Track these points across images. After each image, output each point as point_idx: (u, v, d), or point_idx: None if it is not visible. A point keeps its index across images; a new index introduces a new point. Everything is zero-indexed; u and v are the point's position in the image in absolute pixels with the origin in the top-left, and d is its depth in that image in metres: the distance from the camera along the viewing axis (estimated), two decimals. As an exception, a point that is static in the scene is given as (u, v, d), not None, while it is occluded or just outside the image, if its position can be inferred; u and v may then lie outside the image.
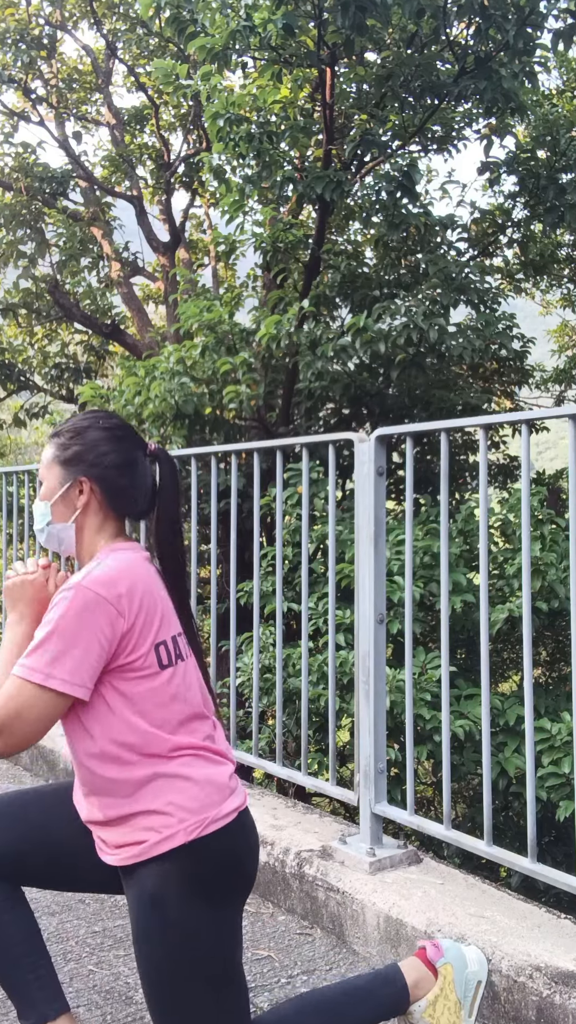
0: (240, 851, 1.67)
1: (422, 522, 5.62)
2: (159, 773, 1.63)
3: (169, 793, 1.62)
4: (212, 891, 1.61)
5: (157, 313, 14.20)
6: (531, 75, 6.43)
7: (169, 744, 1.65)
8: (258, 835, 1.75)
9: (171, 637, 1.70)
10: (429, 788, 7.26)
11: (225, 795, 1.66)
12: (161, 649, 1.67)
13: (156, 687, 1.65)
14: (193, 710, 1.71)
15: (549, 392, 11.86)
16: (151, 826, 1.61)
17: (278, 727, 3.18)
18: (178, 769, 1.64)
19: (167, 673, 1.67)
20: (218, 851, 1.62)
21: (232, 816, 1.65)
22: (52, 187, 11.17)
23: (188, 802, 1.62)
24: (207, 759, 1.68)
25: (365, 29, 5.89)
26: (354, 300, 7.79)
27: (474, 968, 1.86)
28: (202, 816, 1.62)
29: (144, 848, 1.61)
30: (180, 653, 1.72)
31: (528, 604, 2.31)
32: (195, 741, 1.68)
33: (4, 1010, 2.09)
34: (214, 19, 6.14)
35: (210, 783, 1.65)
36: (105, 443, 1.78)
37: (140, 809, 1.62)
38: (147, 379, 7.08)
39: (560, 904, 4.80)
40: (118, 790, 1.63)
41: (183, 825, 1.60)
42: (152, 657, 1.65)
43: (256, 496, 3.23)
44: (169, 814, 1.61)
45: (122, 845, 1.64)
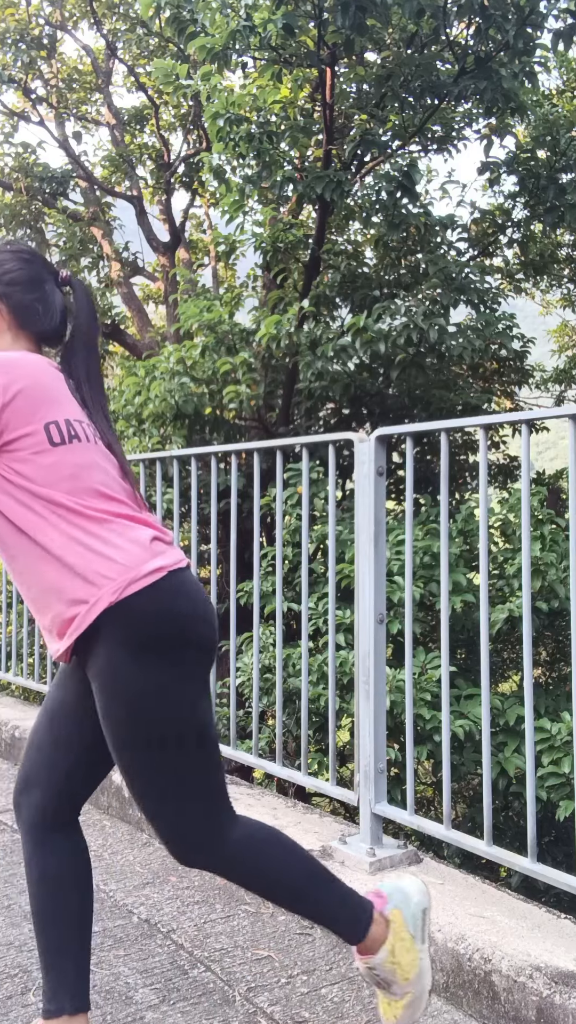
0: (175, 608, 1.67)
1: (422, 522, 5.62)
2: (78, 539, 1.66)
3: (91, 562, 1.65)
4: (155, 650, 1.63)
5: (157, 313, 14.20)
6: (531, 75, 6.44)
7: (79, 505, 1.67)
8: (206, 598, 1.75)
9: (64, 419, 1.72)
10: (429, 788, 7.26)
11: (148, 555, 1.68)
12: (52, 428, 1.70)
13: (51, 463, 1.68)
14: (100, 488, 1.72)
15: (549, 392, 11.86)
16: (78, 598, 1.64)
17: (278, 727, 3.18)
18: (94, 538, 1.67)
19: (61, 450, 1.69)
20: (145, 609, 1.64)
21: (156, 575, 1.66)
22: (52, 187, 11.18)
23: (107, 567, 1.65)
24: (119, 524, 1.70)
25: (365, 29, 5.89)
26: (354, 300, 7.79)
27: (416, 898, 1.88)
28: (123, 578, 1.64)
29: (77, 622, 1.64)
30: (76, 434, 1.73)
31: (528, 604, 2.31)
32: (109, 507, 1.71)
33: (3, 1010, 2.09)
34: (214, 19, 6.14)
35: (126, 545, 1.67)
36: (11, 262, 1.85)
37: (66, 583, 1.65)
38: (147, 379, 7.08)
39: (560, 904, 4.81)
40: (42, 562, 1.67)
41: (105, 590, 1.63)
42: (42, 435, 1.68)
43: (256, 496, 3.23)
44: (90, 580, 1.64)
45: (63, 629, 1.67)
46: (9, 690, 7.60)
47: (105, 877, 2.90)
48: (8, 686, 7.59)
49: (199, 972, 2.27)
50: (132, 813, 3.33)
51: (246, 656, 5.49)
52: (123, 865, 2.99)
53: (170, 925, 2.54)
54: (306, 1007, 2.10)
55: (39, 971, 2.21)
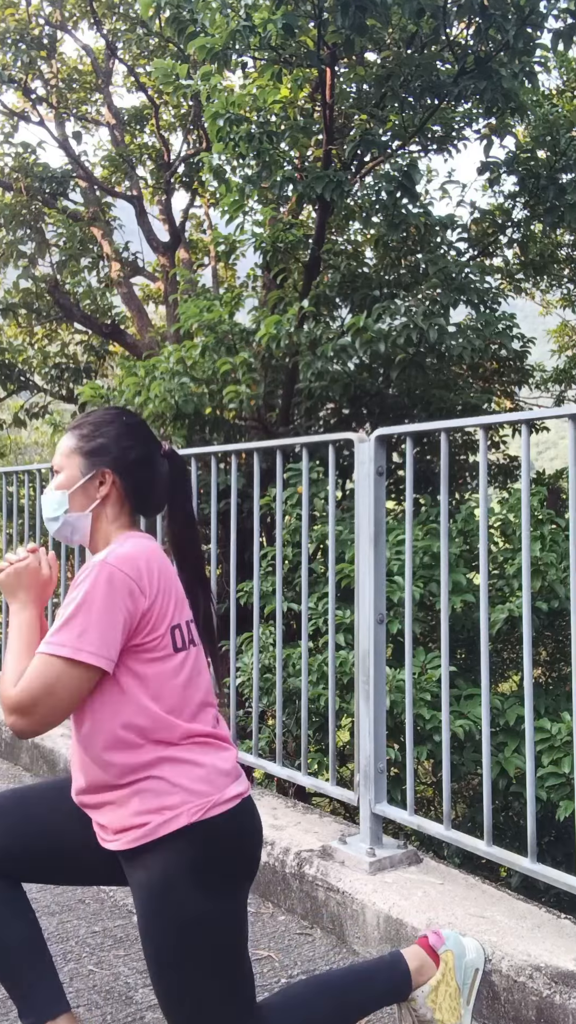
0: (244, 835, 1.67)
1: (422, 522, 5.62)
2: (164, 758, 1.63)
3: (174, 776, 1.62)
4: (217, 875, 1.61)
5: (157, 313, 14.20)
6: (531, 75, 6.43)
7: (179, 731, 1.65)
8: (261, 822, 1.75)
9: (185, 622, 1.72)
10: (429, 788, 7.26)
11: (230, 780, 1.67)
12: (176, 632, 1.68)
13: (169, 670, 1.66)
14: (202, 697, 1.72)
15: (549, 392, 11.86)
16: (154, 808, 1.61)
17: (278, 727, 3.18)
18: (184, 754, 1.64)
19: (180, 656, 1.68)
20: (222, 834, 1.62)
21: (236, 800, 1.66)
22: (52, 187, 11.17)
23: (192, 784, 1.62)
24: (213, 745, 1.69)
25: (365, 29, 5.89)
26: (354, 300, 7.79)
27: (472, 956, 1.87)
28: (206, 799, 1.62)
29: (147, 830, 1.60)
30: (192, 639, 1.73)
31: (528, 604, 2.31)
32: (204, 728, 1.69)
33: (4, 1010, 2.09)
34: (214, 19, 6.14)
35: (215, 768, 1.66)
36: (128, 438, 1.83)
37: (145, 789, 1.62)
38: (147, 379, 7.08)
39: (560, 904, 4.80)
40: (123, 772, 1.63)
41: (186, 807, 1.60)
42: (168, 639, 1.66)
43: (256, 496, 3.23)
44: (173, 794, 1.61)
45: (123, 829, 1.63)
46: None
47: (105, 877, 2.90)
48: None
49: (199, 972, 2.26)
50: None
51: (246, 656, 5.48)
52: (123, 865, 2.99)
53: (170, 925, 2.54)
54: (306, 1007, 2.09)
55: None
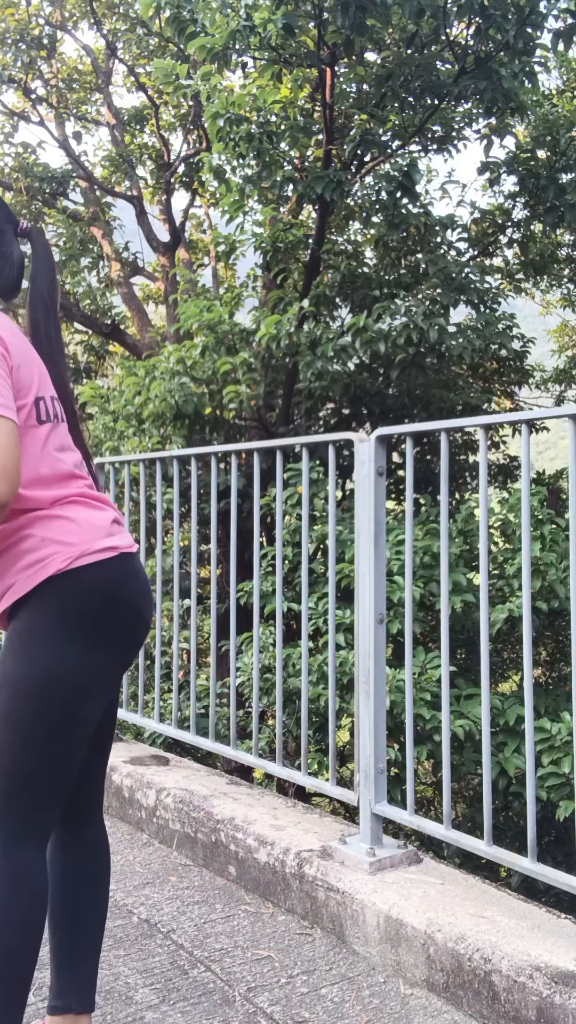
0: (116, 588, 1.64)
1: (422, 522, 5.62)
2: (35, 517, 1.62)
3: (44, 531, 1.62)
4: (82, 625, 1.59)
5: (157, 313, 14.20)
6: (531, 75, 6.44)
7: (46, 497, 1.64)
8: (148, 587, 1.73)
9: (48, 396, 1.70)
10: (429, 788, 7.26)
11: (102, 534, 1.65)
12: (40, 404, 1.67)
13: (34, 440, 1.65)
14: (71, 470, 1.70)
15: (549, 392, 11.87)
16: (25, 564, 1.60)
17: (278, 727, 3.18)
18: (55, 511, 1.64)
19: (45, 428, 1.67)
20: (88, 584, 1.60)
21: (109, 553, 1.64)
22: (52, 187, 11.18)
23: (62, 536, 1.61)
24: (86, 504, 1.68)
25: (365, 29, 5.89)
26: (354, 300, 7.79)
27: None
28: (75, 548, 1.61)
29: (18, 586, 1.60)
30: (57, 414, 1.72)
31: (528, 604, 2.31)
32: (72, 491, 1.68)
33: (4, 1010, 2.09)
34: (214, 19, 6.14)
35: (86, 522, 1.65)
36: None
37: (17, 549, 1.62)
38: (147, 379, 7.08)
39: (560, 904, 4.80)
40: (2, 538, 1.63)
41: (54, 557, 1.59)
42: (32, 409, 1.65)
43: (256, 496, 3.23)
44: (42, 548, 1.60)
45: (4, 594, 1.63)
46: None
47: (105, 877, 2.90)
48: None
49: (199, 972, 2.27)
50: (132, 813, 3.33)
51: (246, 656, 5.49)
52: (123, 865, 2.99)
53: (170, 925, 2.54)
54: (306, 1007, 2.10)
55: (39, 971, 2.21)
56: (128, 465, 3.95)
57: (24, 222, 1.86)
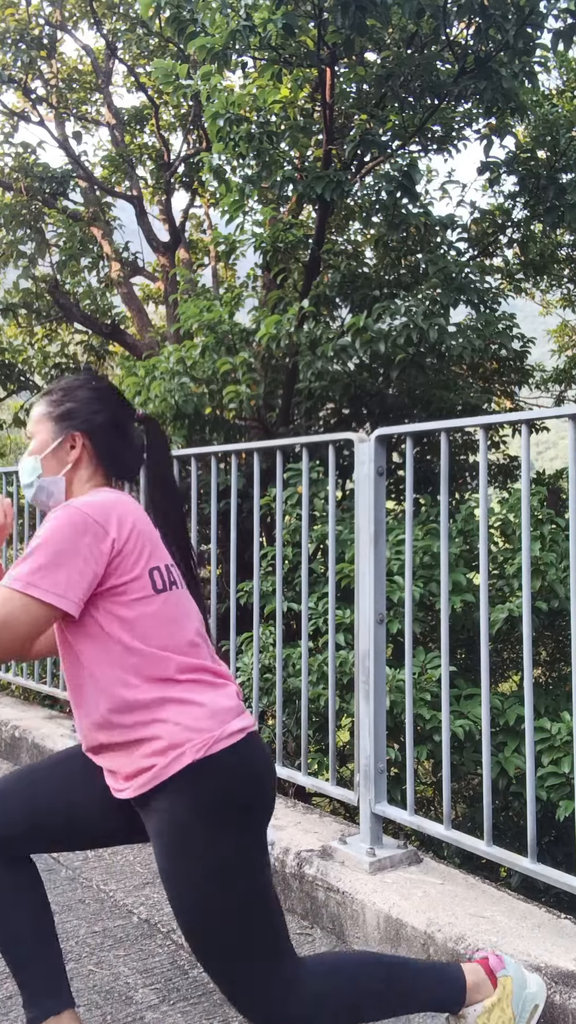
0: (252, 768, 1.67)
1: (422, 522, 5.62)
2: (165, 698, 1.64)
3: (175, 716, 1.63)
4: (229, 812, 1.61)
5: (157, 313, 14.20)
6: (531, 75, 6.43)
7: (173, 665, 1.66)
8: (271, 757, 1.75)
9: (164, 565, 1.73)
10: (429, 788, 7.26)
11: (231, 715, 1.67)
12: (155, 574, 1.70)
13: (152, 612, 1.67)
14: (191, 637, 1.72)
15: (549, 392, 11.86)
16: (159, 749, 1.61)
17: (278, 727, 3.18)
18: (183, 694, 1.65)
19: (162, 597, 1.69)
20: (230, 767, 1.62)
21: (240, 735, 1.66)
22: (52, 187, 11.17)
23: (195, 722, 1.63)
24: (210, 683, 1.70)
25: (365, 29, 5.89)
26: (354, 300, 7.78)
27: (533, 990, 1.83)
28: (209, 735, 1.62)
29: (154, 772, 1.61)
30: (174, 580, 1.74)
31: (528, 604, 2.31)
32: (197, 662, 1.70)
33: (4, 1010, 2.09)
34: (214, 19, 6.14)
35: (215, 704, 1.66)
36: (97, 402, 1.85)
37: (148, 734, 1.63)
38: (147, 379, 7.08)
39: (560, 904, 4.80)
40: (124, 716, 1.64)
41: (191, 744, 1.61)
42: (147, 581, 1.67)
43: (256, 496, 3.23)
44: (176, 734, 1.61)
45: (133, 775, 1.64)
46: (9, 690, 7.59)
47: (105, 877, 2.90)
48: (8, 686, 7.58)
49: (199, 972, 2.27)
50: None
51: (246, 656, 5.48)
52: (123, 865, 2.99)
53: (170, 925, 2.54)
54: (306, 1007, 2.09)
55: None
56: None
57: (140, 411, 1.93)
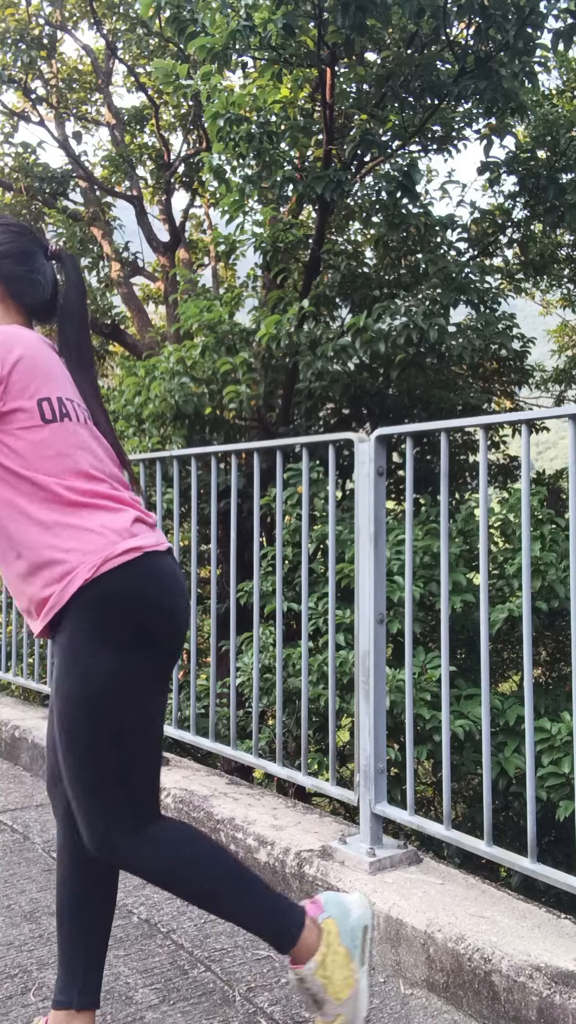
0: (144, 588, 1.67)
1: (422, 522, 5.62)
2: (60, 522, 1.66)
3: (68, 542, 1.66)
4: (122, 631, 1.63)
5: (157, 313, 14.20)
6: (531, 75, 6.44)
7: (63, 488, 1.67)
8: (182, 588, 1.75)
9: (57, 397, 1.74)
10: (429, 788, 7.26)
11: (122, 536, 1.68)
12: (44, 404, 1.71)
13: (41, 440, 1.69)
14: (85, 469, 1.72)
15: (549, 392, 11.86)
16: (54, 577, 1.65)
17: (278, 727, 3.18)
18: (76, 518, 1.67)
19: (51, 427, 1.70)
20: (117, 589, 1.64)
21: (133, 554, 1.66)
22: (52, 187, 11.18)
23: (84, 545, 1.65)
24: (105, 507, 1.71)
25: (365, 29, 5.89)
26: (354, 300, 7.79)
27: (357, 913, 1.81)
28: (98, 555, 1.64)
29: (54, 600, 1.65)
30: (67, 413, 1.75)
31: (528, 604, 2.31)
32: (92, 488, 1.71)
33: (3, 1010, 2.09)
34: (214, 19, 6.14)
35: (106, 526, 1.68)
36: (1, 234, 1.86)
37: (44, 559, 1.66)
38: (147, 379, 7.08)
39: (560, 904, 4.80)
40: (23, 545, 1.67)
41: (81, 567, 1.63)
42: (35, 410, 1.69)
43: (256, 496, 3.23)
44: (68, 560, 1.64)
45: (38, 608, 1.68)
46: (9, 690, 7.60)
47: (105, 877, 2.90)
48: (8, 686, 7.59)
49: (199, 972, 2.27)
50: (132, 813, 3.33)
51: (246, 656, 5.48)
52: (123, 865, 2.99)
53: (170, 925, 2.54)
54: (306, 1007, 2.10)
55: (39, 971, 2.21)
56: (128, 465, 3.95)
57: (54, 244, 1.93)
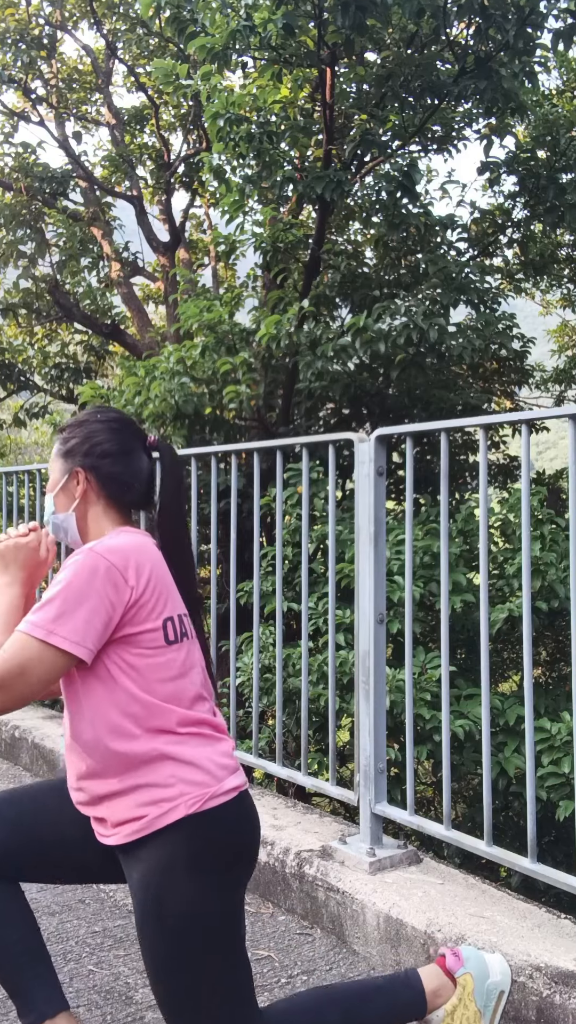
0: (242, 828, 1.68)
1: (422, 522, 5.62)
2: (163, 752, 1.63)
3: (171, 768, 1.63)
4: (213, 869, 1.61)
5: (157, 313, 14.20)
6: (531, 75, 6.43)
7: (174, 718, 1.66)
8: (259, 819, 1.76)
9: (177, 615, 1.73)
10: (429, 788, 7.26)
11: (227, 772, 1.68)
12: (169, 625, 1.69)
13: (162, 663, 1.67)
14: (196, 691, 1.73)
15: (549, 392, 11.86)
16: (152, 800, 1.61)
17: (278, 727, 3.18)
18: (181, 747, 1.65)
19: (173, 649, 1.69)
20: (219, 826, 1.63)
21: (234, 793, 1.66)
22: (52, 187, 11.18)
23: (190, 776, 1.63)
24: (209, 737, 1.70)
25: (365, 29, 5.89)
26: (354, 300, 7.79)
27: (496, 978, 1.82)
28: (204, 790, 1.62)
29: (145, 823, 1.61)
30: (186, 632, 1.74)
31: (528, 604, 2.31)
32: (199, 716, 1.70)
33: (4, 1010, 2.09)
34: (214, 19, 6.13)
35: (212, 761, 1.67)
36: (100, 433, 1.84)
37: (142, 783, 1.63)
38: (147, 379, 7.08)
39: (560, 904, 4.80)
40: (120, 764, 1.64)
41: (185, 799, 1.61)
42: (160, 632, 1.67)
43: (256, 496, 3.23)
44: (171, 786, 1.61)
45: (121, 823, 1.64)
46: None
47: (105, 877, 2.89)
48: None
49: (199, 972, 2.26)
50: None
51: (246, 656, 5.48)
52: (123, 865, 2.98)
53: (170, 925, 2.53)
54: (306, 1007, 2.09)
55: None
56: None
57: (152, 435, 1.91)
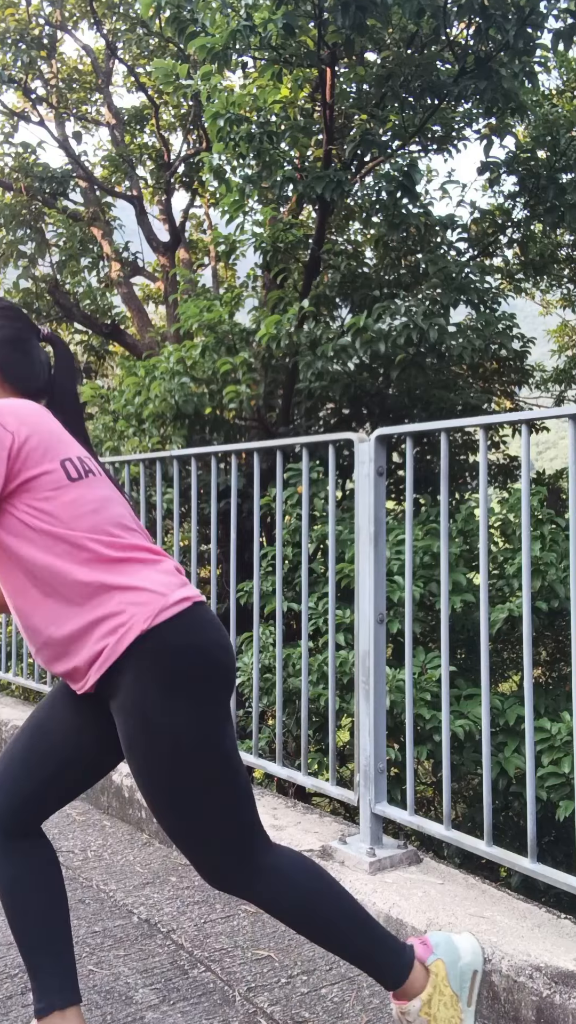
0: (204, 627, 1.70)
1: (422, 522, 5.62)
2: (104, 583, 1.67)
3: (118, 597, 1.67)
4: (184, 683, 1.63)
5: (157, 313, 14.20)
6: (531, 75, 6.43)
7: (102, 546, 1.69)
8: (223, 629, 1.77)
9: (76, 456, 1.77)
10: (429, 788, 7.26)
11: (173, 587, 1.70)
12: (67, 464, 1.74)
13: (73, 499, 1.71)
14: (121, 521, 1.76)
15: (549, 392, 11.86)
16: (109, 630, 1.65)
17: (278, 727, 3.18)
18: (121, 574, 1.69)
19: (80, 485, 1.73)
20: (177, 630, 1.66)
21: (186, 603, 1.69)
22: (52, 187, 11.18)
23: (137, 598, 1.66)
24: (147, 561, 1.73)
25: (365, 29, 5.89)
26: (354, 300, 7.79)
27: (468, 959, 1.83)
28: (153, 606, 1.65)
29: (108, 652, 1.64)
30: (90, 469, 1.78)
31: (528, 604, 2.31)
32: (130, 542, 1.73)
33: (3, 1010, 2.09)
34: (214, 19, 6.14)
35: (154, 580, 1.70)
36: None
37: (95, 617, 1.66)
38: (147, 379, 7.08)
39: (560, 904, 4.81)
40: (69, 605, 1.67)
41: (137, 619, 1.64)
42: (60, 472, 1.72)
43: (256, 496, 3.23)
44: (122, 612, 1.65)
45: (89, 663, 1.67)
46: (9, 690, 7.60)
47: (105, 877, 2.90)
48: (8, 686, 7.59)
49: (199, 972, 2.27)
50: (132, 813, 3.33)
51: (246, 656, 5.48)
52: (123, 865, 2.99)
53: (170, 925, 2.54)
54: (306, 1007, 2.10)
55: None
56: (128, 465, 3.96)
57: (45, 328, 1.98)
